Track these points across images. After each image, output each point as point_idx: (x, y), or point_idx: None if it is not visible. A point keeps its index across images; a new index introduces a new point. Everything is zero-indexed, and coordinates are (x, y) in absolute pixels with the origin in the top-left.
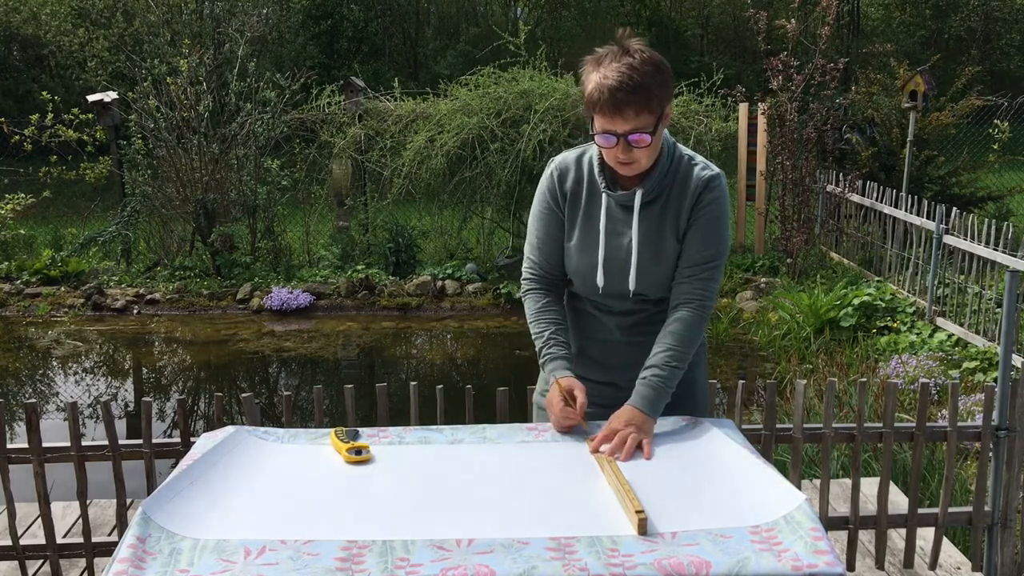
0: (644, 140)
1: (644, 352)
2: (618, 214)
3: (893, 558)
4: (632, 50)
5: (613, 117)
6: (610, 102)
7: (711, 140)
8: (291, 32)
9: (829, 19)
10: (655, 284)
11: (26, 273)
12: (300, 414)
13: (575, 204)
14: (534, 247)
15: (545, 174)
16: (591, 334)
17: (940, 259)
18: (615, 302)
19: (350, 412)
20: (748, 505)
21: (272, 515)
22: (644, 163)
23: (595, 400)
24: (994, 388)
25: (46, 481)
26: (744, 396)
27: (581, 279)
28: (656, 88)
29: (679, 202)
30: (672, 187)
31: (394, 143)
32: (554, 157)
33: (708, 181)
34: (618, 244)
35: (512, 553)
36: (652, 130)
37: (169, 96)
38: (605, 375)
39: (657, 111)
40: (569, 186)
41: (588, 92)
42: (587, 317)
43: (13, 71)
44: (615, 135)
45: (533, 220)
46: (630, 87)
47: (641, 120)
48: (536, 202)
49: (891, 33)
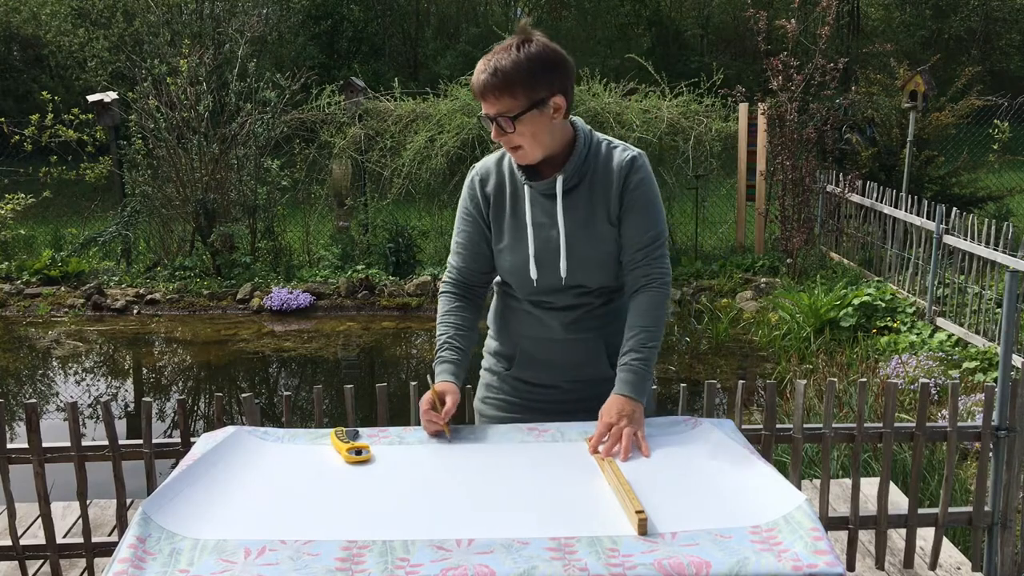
0: (510, 124)
1: (588, 349)
2: (544, 205)
3: (893, 558)
4: (524, 41)
5: (482, 101)
6: (475, 86)
7: (711, 140)
8: (291, 32)
9: (829, 19)
10: (591, 272)
11: (26, 273)
12: (300, 414)
13: (500, 207)
14: (454, 252)
15: (467, 181)
16: (532, 334)
17: (940, 259)
18: (554, 297)
19: (350, 412)
20: (748, 505)
21: (272, 515)
22: (528, 150)
23: (538, 406)
24: (994, 388)
25: (46, 481)
26: (744, 396)
27: (517, 278)
28: (521, 76)
29: (605, 186)
30: (595, 172)
31: (394, 143)
32: (475, 164)
33: (632, 162)
34: (547, 235)
35: (512, 553)
36: (515, 115)
37: (169, 96)
38: (549, 377)
39: (522, 98)
40: (491, 190)
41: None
42: (527, 317)
43: (13, 71)
44: (489, 118)
45: (456, 226)
46: (490, 70)
47: (503, 104)
48: (459, 208)
49: (891, 33)
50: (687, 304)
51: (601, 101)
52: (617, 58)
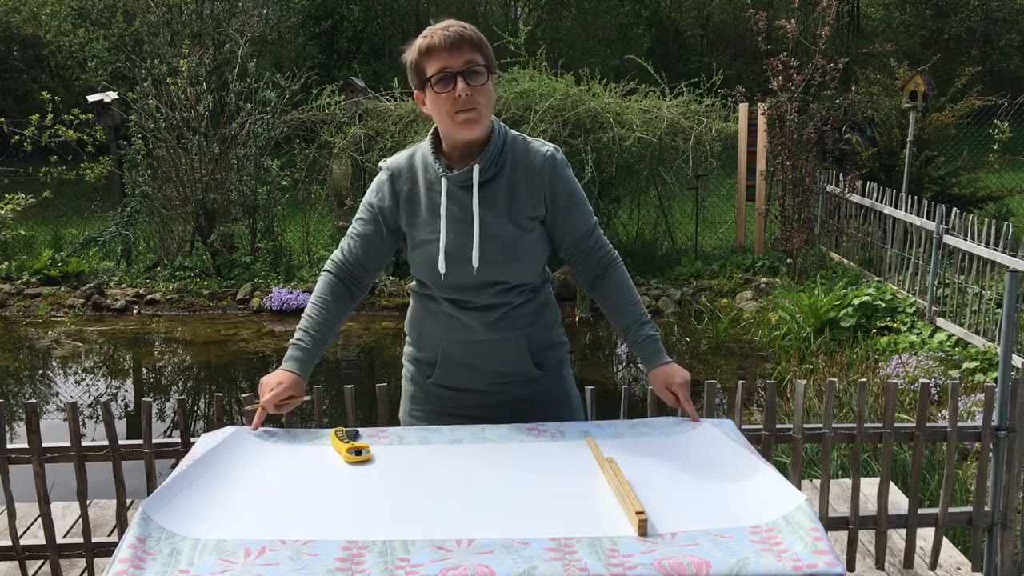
0: (481, 77)
1: (512, 348)
2: (459, 197)
3: (893, 558)
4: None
5: (449, 53)
6: (444, 37)
7: (711, 140)
8: (291, 32)
9: (829, 19)
10: (507, 266)
11: (26, 273)
12: (300, 414)
13: (414, 203)
14: (349, 237)
15: (378, 178)
16: (454, 337)
17: (940, 259)
18: (473, 295)
19: (350, 412)
20: (748, 505)
21: (272, 515)
22: (484, 116)
23: (464, 411)
24: (994, 388)
25: (46, 481)
26: (744, 396)
27: (431, 273)
28: (482, 36)
29: (528, 178)
30: (515, 165)
31: (394, 143)
32: (384, 160)
33: (552, 158)
34: (462, 228)
35: (512, 553)
36: (487, 68)
37: (169, 96)
38: (472, 380)
39: (488, 57)
40: (403, 186)
41: (417, 45)
42: (447, 320)
43: (13, 71)
44: (452, 73)
45: (357, 215)
46: (460, 26)
47: (475, 55)
48: (363, 201)
49: (891, 33)
50: (687, 304)
51: (601, 101)
52: (617, 58)
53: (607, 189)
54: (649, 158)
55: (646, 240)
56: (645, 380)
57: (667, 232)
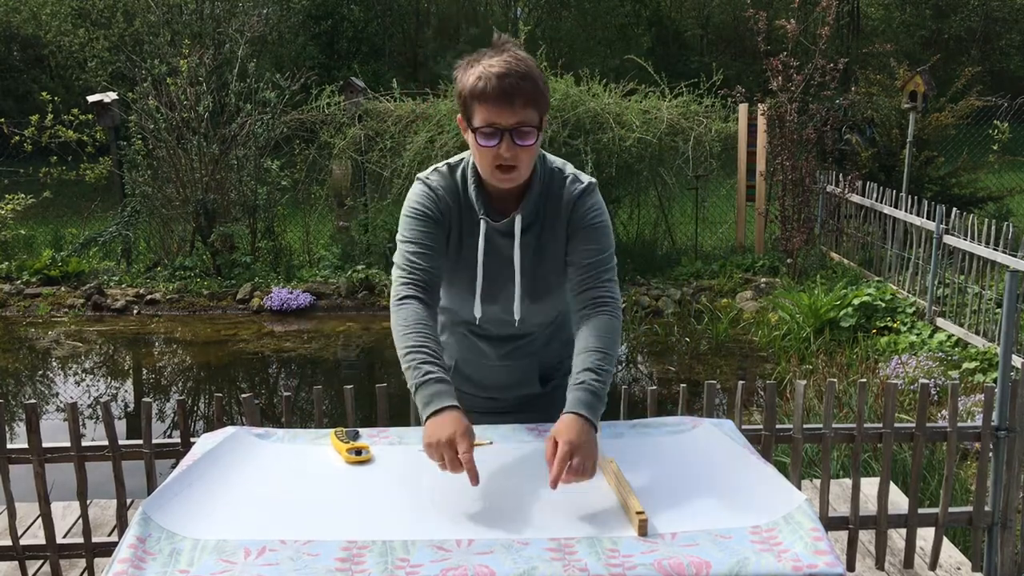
0: (530, 138)
1: (522, 373)
2: (497, 240)
3: (893, 558)
4: (510, 48)
5: (500, 107)
6: (498, 88)
7: (711, 140)
8: (291, 32)
9: (829, 19)
10: (548, 311)
11: (26, 273)
12: (300, 415)
13: (454, 228)
14: (414, 251)
15: (421, 189)
16: (466, 354)
17: (940, 259)
18: (493, 327)
19: (350, 412)
20: (748, 505)
21: (272, 515)
22: (524, 172)
23: (473, 407)
24: (994, 388)
25: (46, 481)
26: (744, 396)
27: (457, 312)
28: (542, 84)
29: (554, 221)
30: (552, 205)
31: (394, 143)
32: (420, 173)
33: (580, 195)
34: (502, 277)
35: (512, 554)
36: (537, 127)
37: (169, 96)
38: (481, 391)
39: (542, 110)
40: (448, 201)
41: (469, 84)
42: (462, 338)
43: (13, 71)
44: (500, 129)
45: (410, 224)
46: (519, 74)
47: (528, 114)
48: (414, 207)
49: (891, 33)
50: (687, 304)
51: (601, 101)
52: (617, 58)
53: (607, 189)
54: (649, 158)
55: (646, 240)
56: (645, 380)
57: (667, 232)
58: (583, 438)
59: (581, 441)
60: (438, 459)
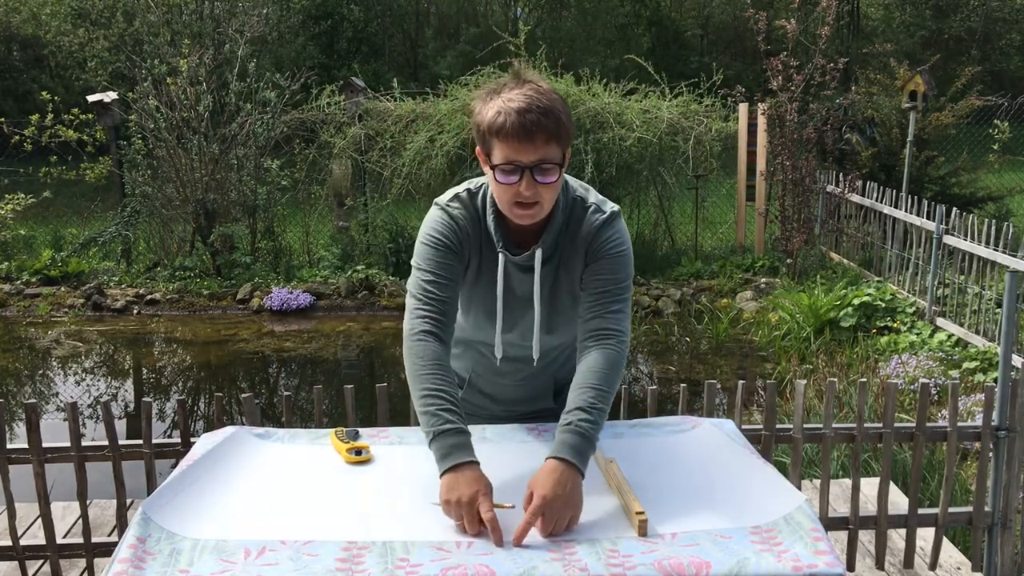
0: (551, 175)
1: (537, 390)
2: (514, 273)
3: (893, 558)
4: (531, 80)
5: (520, 144)
6: (518, 124)
7: (711, 140)
8: (291, 32)
9: (829, 19)
10: (556, 339)
11: (26, 273)
12: (300, 414)
13: (469, 251)
14: (432, 281)
15: (439, 214)
16: (481, 370)
17: (940, 259)
18: (510, 350)
19: (350, 412)
20: (748, 505)
21: (272, 515)
22: (546, 208)
23: (473, 413)
24: (994, 388)
25: (46, 481)
26: (744, 396)
27: (472, 330)
28: (565, 117)
29: (572, 253)
30: (572, 237)
31: (394, 143)
32: (439, 198)
33: (601, 225)
34: (514, 304)
35: (512, 554)
36: (560, 163)
37: (169, 96)
38: (494, 404)
39: (565, 145)
40: (468, 230)
41: (488, 118)
42: (479, 356)
43: (13, 71)
44: (520, 167)
45: (426, 254)
46: (540, 109)
47: (550, 150)
48: (431, 235)
49: (891, 33)
50: (687, 304)
51: (601, 101)
52: (617, 58)
53: (607, 189)
54: (649, 158)
55: (646, 240)
56: (645, 380)
57: (667, 232)
58: (559, 491)
59: (556, 495)
60: (456, 518)
